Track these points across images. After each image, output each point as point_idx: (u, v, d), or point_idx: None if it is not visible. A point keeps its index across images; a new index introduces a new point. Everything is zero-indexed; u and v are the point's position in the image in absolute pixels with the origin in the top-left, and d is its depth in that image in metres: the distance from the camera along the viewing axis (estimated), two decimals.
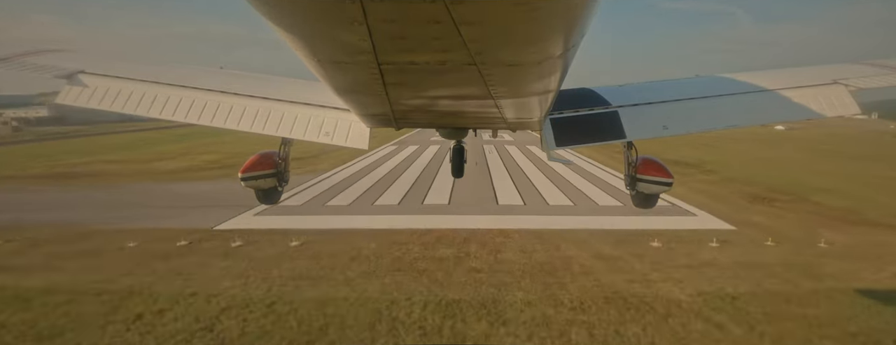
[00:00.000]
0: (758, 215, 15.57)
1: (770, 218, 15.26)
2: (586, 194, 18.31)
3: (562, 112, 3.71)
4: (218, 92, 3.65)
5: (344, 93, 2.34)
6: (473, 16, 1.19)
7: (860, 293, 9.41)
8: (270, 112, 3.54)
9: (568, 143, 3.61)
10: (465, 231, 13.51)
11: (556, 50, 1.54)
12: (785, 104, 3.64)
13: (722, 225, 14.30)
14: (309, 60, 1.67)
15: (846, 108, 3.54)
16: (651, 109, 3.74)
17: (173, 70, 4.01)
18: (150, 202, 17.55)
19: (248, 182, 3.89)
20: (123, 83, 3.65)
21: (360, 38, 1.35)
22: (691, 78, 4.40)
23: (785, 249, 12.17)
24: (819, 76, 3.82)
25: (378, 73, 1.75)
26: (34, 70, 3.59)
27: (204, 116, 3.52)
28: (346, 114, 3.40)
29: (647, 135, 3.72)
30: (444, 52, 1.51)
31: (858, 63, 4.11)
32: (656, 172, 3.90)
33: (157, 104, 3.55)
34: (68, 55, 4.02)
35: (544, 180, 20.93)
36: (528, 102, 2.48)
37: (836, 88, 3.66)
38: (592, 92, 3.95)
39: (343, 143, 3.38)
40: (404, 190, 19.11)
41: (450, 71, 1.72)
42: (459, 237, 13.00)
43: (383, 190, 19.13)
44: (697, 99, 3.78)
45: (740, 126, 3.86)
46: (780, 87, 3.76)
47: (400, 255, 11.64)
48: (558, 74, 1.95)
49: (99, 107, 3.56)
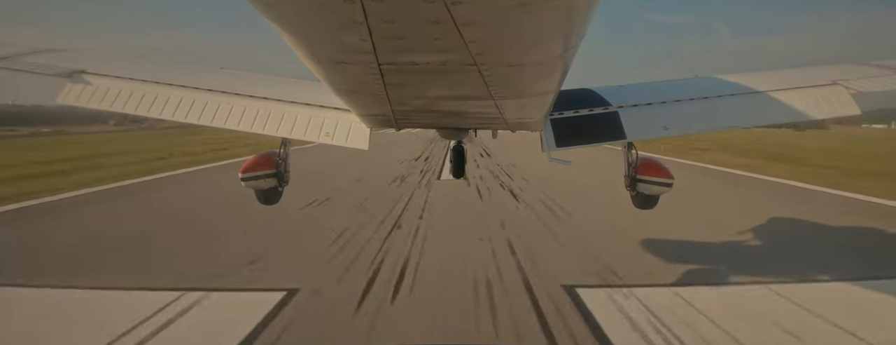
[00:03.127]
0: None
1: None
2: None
3: (562, 113, 3.71)
4: (218, 92, 3.64)
5: (344, 93, 2.34)
6: (473, 16, 1.19)
7: None
8: (270, 112, 3.54)
9: (568, 143, 3.61)
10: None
11: (557, 50, 1.54)
12: (785, 105, 3.64)
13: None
14: (309, 60, 1.67)
15: (846, 108, 3.54)
16: (651, 109, 3.74)
17: (173, 70, 4.01)
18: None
19: (247, 182, 3.90)
20: (123, 83, 3.65)
21: (360, 38, 1.34)
22: (691, 78, 4.40)
23: None
24: (819, 77, 3.82)
25: (378, 73, 1.75)
26: (34, 70, 3.58)
27: (204, 116, 3.52)
28: (347, 114, 3.40)
29: (647, 135, 3.72)
30: (444, 53, 1.50)
31: (859, 64, 4.10)
32: (656, 173, 3.90)
33: (158, 104, 3.55)
34: (68, 55, 4.02)
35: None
36: (529, 102, 2.48)
37: (836, 89, 3.66)
38: (592, 92, 3.95)
39: (343, 143, 3.38)
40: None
41: (450, 71, 1.72)
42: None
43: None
44: (698, 100, 3.78)
45: (741, 127, 3.86)
46: (780, 87, 3.76)
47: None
48: (559, 75, 1.95)
49: (99, 107, 3.56)
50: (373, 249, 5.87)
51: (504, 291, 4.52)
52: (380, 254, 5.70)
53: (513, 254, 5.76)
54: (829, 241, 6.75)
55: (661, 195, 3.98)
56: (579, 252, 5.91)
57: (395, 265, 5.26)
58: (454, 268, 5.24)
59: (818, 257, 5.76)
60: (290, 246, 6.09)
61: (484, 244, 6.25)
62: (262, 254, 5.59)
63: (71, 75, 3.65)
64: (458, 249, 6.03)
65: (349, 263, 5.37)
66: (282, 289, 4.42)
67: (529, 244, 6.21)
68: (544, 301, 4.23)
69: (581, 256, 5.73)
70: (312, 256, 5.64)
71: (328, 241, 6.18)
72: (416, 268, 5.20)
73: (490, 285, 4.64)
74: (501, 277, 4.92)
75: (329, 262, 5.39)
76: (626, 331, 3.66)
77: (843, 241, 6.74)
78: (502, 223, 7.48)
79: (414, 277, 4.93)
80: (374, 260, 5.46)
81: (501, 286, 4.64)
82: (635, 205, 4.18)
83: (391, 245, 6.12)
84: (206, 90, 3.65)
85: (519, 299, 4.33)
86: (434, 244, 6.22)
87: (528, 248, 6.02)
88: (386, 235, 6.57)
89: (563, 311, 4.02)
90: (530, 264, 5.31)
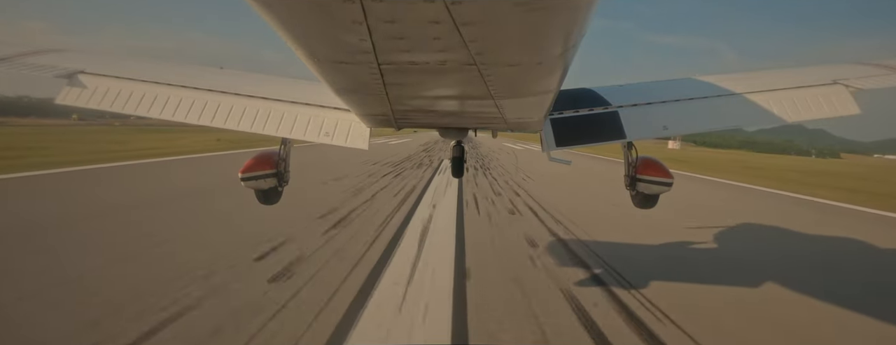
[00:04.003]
0: None
1: None
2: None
3: (562, 112, 3.71)
4: (218, 92, 3.65)
5: (344, 93, 2.34)
6: (473, 16, 1.19)
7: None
8: (270, 112, 3.54)
9: (568, 143, 3.62)
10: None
11: (557, 50, 1.54)
12: (786, 105, 3.64)
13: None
14: (309, 60, 1.67)
15: (847, 108, 3.54)
16: (651, 109, 3.74)
17: (174, 70, 4.01)
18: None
19: (247, 182, 3.90)
20: (124, 83, 3.65)
21: (360, 38, 1.35)
22: (691, 78, 4.40)
23: None
24: (819, 76, 3.82)
25: (378, 73, 1.75)
26: (34, 70, 3.58)
27: (204, 116, 3.52)
28: (347, 114, 3.40)
29: (647, 135, 3.72)
30: (444, 53, 1.50)
31: (860, 63, 4.10)
32: (656, 173, 3.90)
33: (158, 104, 3.55)
34: (68, 55, 4.02)
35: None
36: (529, 102, 2.48)
37: (837, 89, 3.66)
38: (592, 92, 3.95)
39: (343, 143, 3.38)
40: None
41: (450, 71, 1.72)
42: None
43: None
44: (698, 99, 3.78)
45: (741, 127, 3.85)
46: (780, 87, 3.76)
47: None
48: (559, 74, 1.95)
49: (99, 107, 3.55)
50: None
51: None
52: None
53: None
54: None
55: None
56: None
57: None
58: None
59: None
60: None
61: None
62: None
63: (71, 76, 3.65)
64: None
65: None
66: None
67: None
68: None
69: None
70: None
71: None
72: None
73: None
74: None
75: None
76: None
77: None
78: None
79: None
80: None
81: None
82: (635, 205, 4.18)
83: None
84: (206, 90, 3.65)
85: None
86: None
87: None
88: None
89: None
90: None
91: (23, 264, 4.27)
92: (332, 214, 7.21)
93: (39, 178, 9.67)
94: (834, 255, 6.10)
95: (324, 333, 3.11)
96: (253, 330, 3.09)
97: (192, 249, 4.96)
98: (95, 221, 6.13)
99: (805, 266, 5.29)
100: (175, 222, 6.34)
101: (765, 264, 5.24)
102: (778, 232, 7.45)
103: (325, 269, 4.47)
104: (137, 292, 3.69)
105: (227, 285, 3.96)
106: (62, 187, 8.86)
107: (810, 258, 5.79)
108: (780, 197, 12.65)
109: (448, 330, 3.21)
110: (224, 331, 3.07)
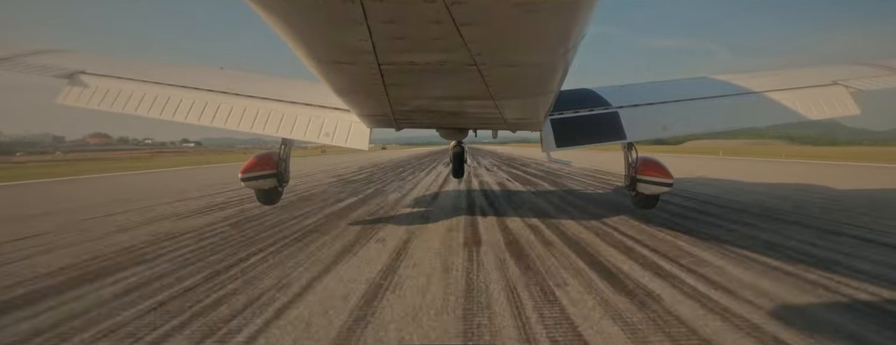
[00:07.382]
0: None
1: None
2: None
3: (562, 113, 3.71)
4: (219, 92, 3.65)
5: (344, 93, 2.34)
6: (473, 16, 1.19)
7: None
8: (271, 112, 3.54)
9: (568, 143, 3.61)
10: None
11: (557, 51, 1.54)
12: (785, 105, 3.64)
13: None
14: (309, 60, 1.67)
15: (847, 108, 3.54)
16: (651, 109, 3.74)
17: (174, 70, 4.01)
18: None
19: (247, 182, 3.88)
20: (124, 83, 3.65)
21: (360, 38, 1.34)
22: (691, 79, 4.39)
23: None
24: (819, 77, 3.82)
25: (378, 73, 1.75)
26: (34, 70, 3.58)
27: (204, 117, 3.52)
28: (347, 114, 3.40)
29: (647, 135, 3.72)
30: (444, 53, 1.50)
31: (859, 64, 4.10)
32: (656, 173, 3.87)
33: (158, 105, 3.55)
34: (69, 55, 4.02)
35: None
36: (529, 102, 2.48)
37: (837, 89, 3.66)
38: (593, 93, 3.95)
39: (343, 143, 3.38)
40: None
41: (450, 72, 1.72)
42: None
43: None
44: (697, 100, 3.78)
45: (741, 127, 3.84)
46: (780, 88, 3.76)
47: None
48: (558, 75, 1.95)
49: (99, 108, 3.55)
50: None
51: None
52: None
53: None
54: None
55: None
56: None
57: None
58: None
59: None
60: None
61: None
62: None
63: (71, 76, 3.65)
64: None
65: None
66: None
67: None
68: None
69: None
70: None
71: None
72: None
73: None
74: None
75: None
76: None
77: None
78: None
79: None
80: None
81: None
82: (635, 205, 4.15)
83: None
84: (206, 91, 3.65)
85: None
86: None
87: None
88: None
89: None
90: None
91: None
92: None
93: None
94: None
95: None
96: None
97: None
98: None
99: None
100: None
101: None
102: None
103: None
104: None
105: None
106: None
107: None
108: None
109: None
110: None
